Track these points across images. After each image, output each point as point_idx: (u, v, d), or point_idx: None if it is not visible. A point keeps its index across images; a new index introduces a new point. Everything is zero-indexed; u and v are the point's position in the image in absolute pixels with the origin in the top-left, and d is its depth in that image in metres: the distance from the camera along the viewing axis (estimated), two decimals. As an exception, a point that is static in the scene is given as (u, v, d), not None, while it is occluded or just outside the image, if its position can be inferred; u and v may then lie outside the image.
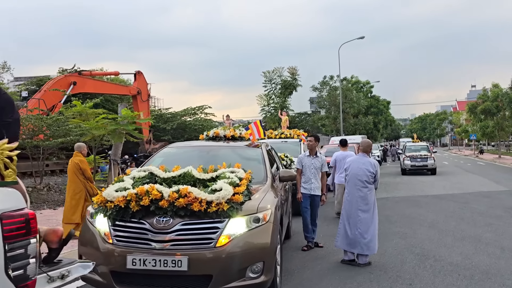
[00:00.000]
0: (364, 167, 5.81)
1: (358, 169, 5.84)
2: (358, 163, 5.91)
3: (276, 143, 11.92)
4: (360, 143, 6.15)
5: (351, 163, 6.01)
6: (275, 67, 19.80)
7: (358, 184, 5.80)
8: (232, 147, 5.93)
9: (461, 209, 10.76)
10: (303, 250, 6.73)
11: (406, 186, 17.23)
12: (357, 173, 5.83)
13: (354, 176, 5.85)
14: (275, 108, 19.94)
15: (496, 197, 13.21)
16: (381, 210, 10.79)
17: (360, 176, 5.80)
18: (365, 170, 5.79)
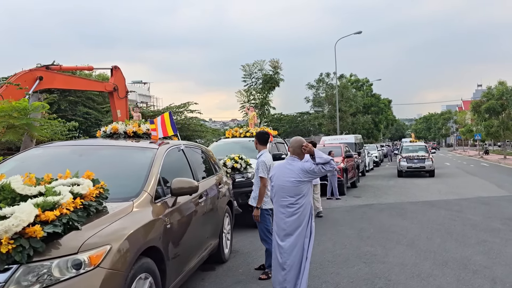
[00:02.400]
0: (291, 177, 4.24)
1: (283, 179, 4.28)
2: (284, 171, 4.32)
3: (242, 142, 10.40)
4: (290, 142, 4.54)
5: (275, 171, 4.44)
6: (256, 60, 18.29)
7: (286, 200, 4.24)
8: (117, 148, 4.38)
9: (452, 220, 9.15)
10: (262, 279, 5.20)
11: (398, 190, 15.61)
12: (282, 185, 4.27)
13: (280, 189, 4.30)
14: (256, 105, 18.43)
15: (495, 204, 11.58)
16: (357, 221, 9.29)
17: (287, 190, 4.24)
18: (294, 181, 4.21)
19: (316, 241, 7.31)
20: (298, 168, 4.21)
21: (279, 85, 18.42)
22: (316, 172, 4.18)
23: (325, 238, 7.60)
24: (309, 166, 4.18)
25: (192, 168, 4.85)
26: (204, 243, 4.77)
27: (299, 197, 4.19)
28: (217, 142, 10.69)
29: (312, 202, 4.36)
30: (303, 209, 4.20)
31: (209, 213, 5.00)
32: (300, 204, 4.19)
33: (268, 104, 18.56)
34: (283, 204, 4.23)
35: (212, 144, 10.84)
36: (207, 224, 4.87)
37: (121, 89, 22.81)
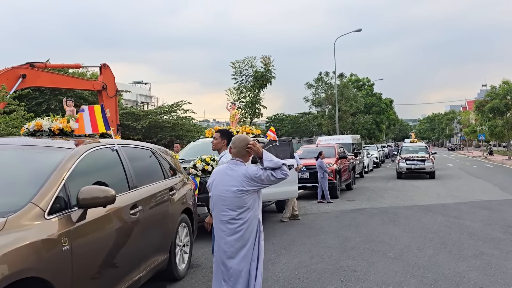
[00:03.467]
0: (233, 186, 3.41)
1: (223, 188, 3.47)
2: (224, 178, 3.50)
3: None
4: (232, 141, 3.69)
5: (214, 178, 3.63)
6: (246, 57, 17.48)
7: (226, 214, 3.45)
8: (16, 148, 3.58)
9: (448, 228, 8.32)
10: None
11: (395, 193, 14.77)
12: (222, 196, 3.47)
13: (219, 200, 3.50)
14: (246, 104, 17.61)
15: (497, 209, 10.74)
16: (344, 228, 8.47)
17: (228, 201, 3.44)
18: (236, 191, 3.39)
19: (293, 252, 6.54)
20: (241, 174, 3.41)
21: (271, 82, 17.61)
22: (264, 180, 3.39)
23: (303, 249, 6.80)
24: (254, 171, 3.39)
25: (128, 172, 4.06)
26: (140, 262, 3.99)
27: (243, 210, 3.40)
28: (195, 142, 9.92)
29: (260, 217, 3.55)
30: (248, 225, 3.40)
31: (151, 225, 4.23)
32: (244, 220, 3.39)
33: (259, 103, 17.76)
34: (223, 219, 3.44)
35: (189, 145, 10.07)
36: (146, 238, 4.09)
37: (110, 88, 22.08)
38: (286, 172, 3.44)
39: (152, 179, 4.63)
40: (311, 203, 12.63)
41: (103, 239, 3.32)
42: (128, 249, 3.72)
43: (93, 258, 3.17)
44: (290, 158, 9.18)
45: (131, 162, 4.22)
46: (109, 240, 3.40)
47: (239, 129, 9.96)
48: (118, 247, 3.55)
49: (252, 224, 3.41)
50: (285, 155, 9.16)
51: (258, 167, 3.42)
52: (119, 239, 3.56)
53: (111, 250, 3.43)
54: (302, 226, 8.78)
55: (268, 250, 6.73)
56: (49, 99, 24.98)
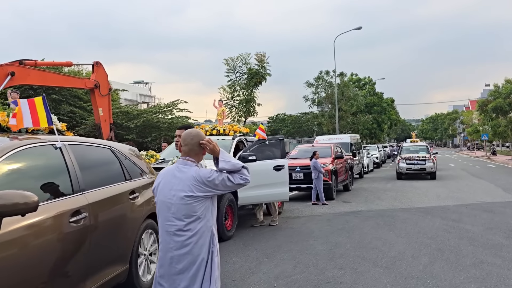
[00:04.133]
0: (180, 191, 2.86)
1: (169, 193, 2.91)
2: (171, 181, 2.93)
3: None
4: (182, 137, 3.09)
5: (159, 180, 3.05)
6: (240, 54, 16.95)
7: (172, 224, 2.91)
8: None
9: (447, 232, 7.78)
10: None
11: (394, 194, 14.22)
12: (168, 202, 2.93)
13: (164, 208, 2.95)
14: (240, 102, 17.07)
15: (499, 211, 10.18)
16: (335, 233, 7.90)
17: (174, 209, 2.89)
18: (184, 197, 2.84)
19: (275, 260, 6.02)
20: (190, 176, 2.85)
21: (266, 80, 17.08)
22: (218, 185, 2.84)
23: (288, 256, 6.27)
24: (207, 174, 2.85)
25: (73, 173, 3.54)
26: (87, 276, 3.47)
27: (191, 220, 2.85)
28: (178, 142, 9.40)
29: (214, 229, 3.00)
30: (198, 238, 2.86)
31: (102, 233, 3.71)
32: (193, 231, 2.85)
33: (254, 101, 17.22)
34: (169, 230, 2.90)
35: (173, 144, 9.54)
36: (95, 248, 3.58)
37: (103, 86, 21.50)
38: (246, 177, 2.91)
39: (108, 181, 4.11)
40: (305, 205, 12.11)
41: (26, 254, 2.80)
42: (66, 262, 3.20)
43: (12, 278, 2.65)
44: (281, 158, 8.68)
45: (79, 162, 3.70)
46: (35, 254, 2.88)
47: (226, 127, 9.44)
48: (50, 262, 3.03)
49: (204, 237, 2.87)
50: (276, 155, 8.66)
51: (212, 169, 2.90)
52: (52, 252, 3.04)
53: (39, 265, 2.90)
54: (291, 230, 8.26)
55: (250, 257, 6.22)
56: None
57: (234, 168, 2.86)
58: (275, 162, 8.52)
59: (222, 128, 9.32)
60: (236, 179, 2.87)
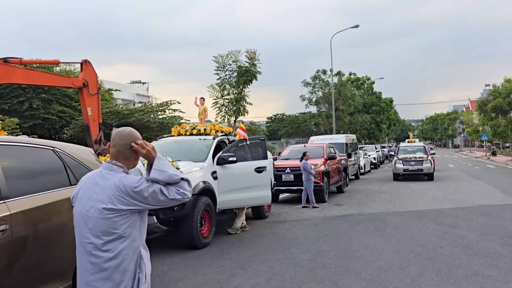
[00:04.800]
0: (100, 202, 2.33)
1: (88, 204, 2.38)
2: (91, 189, 2.40)
3: (185, 141, 8.58)
4: (112, 137, 2.55)
5: (79, 187, 2.49)
6: (229, 51, 16.39)
7: (88, 242, 2.35)
8: None
9: (440, 239, 7.26)
10: None
11: (388, 196, 13.69)
12: (85, 214, 2.38)
13: (81, 221, 2.39)
14: (230, 101, 16.53)
15: (497, 215, 9.66)
16: (321, 240, 7.31)
17: (92, 223, 2.34)
18: (103, 209, 2.30)
19: (250, 271, 5.49)
20: (112, 185, 2.32)
21: (256, 78, 16.52)
22: (148, 198, 2.29)
23: (264, 267, 5.75)
24: (133, 183, 2.29)
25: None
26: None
27: (111, 238, 2.30)
28: (157, 142, 8.88)
29: (141, 251, 2.46)
30: (120, 261, 2.30)
31: (33, 247, 3.19)
32: (114, 252, 2.29)
33: (244, 100, 16.69)
34: (86, 248, 2.37)
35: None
36: (21, 265, 3.06)
37: (92, 85, 20.97)
38: (185, 192, 2.36)
39: (45, 187, 3.59)
40: (294, 208, 11.59)
41: None
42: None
43: None
44: (262, 159, 8.17)
45: (4, 165, 3.18)
46: None
47: (207, 126, 8.92)
48: None
49: (127, 261, 2.32)
50: (257, 155, 8.15)
51: (142, 177, 2.36)
52: None
53: None
54: (273, 237, 7.73)
55: (223, 268, 5.70)
56: (32, 97, 24.04)
57: (171, 179, 2.33)
58: (256, 164, 8.01)
59: (203, 127, 8.80)
60: (172, 193, 2.33)
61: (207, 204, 6.96)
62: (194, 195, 6.65)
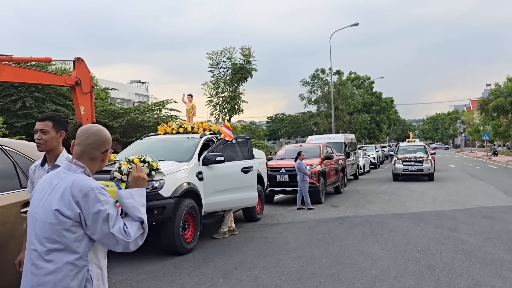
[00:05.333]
0: (51, 204, 1.96)
1: (38, 205, 2.02)
2: (46, 189, 2.04)
3: (170, 140, 8.13)
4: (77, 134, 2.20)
5: (37, 186, 2.15)
6: (224, 47, 15.90)
7: (33, 249, 1.97)
8: None
9: (440, 244, 6.81)
10: None
11: (387, 197, 13.25)
12: (34, 216, 2.03)
13: (30, 223, 2.05)
14: (225, 99, 16.05)
15: (500, 217, 9.21)
16: (313, 244, 6.83)
17: (39, 225, 1.98)
18: (53, 213, 1.93)
19: (233, 281, 5.05)
20: (65, 185, 1.98)
21: (251, 76, 16.05)
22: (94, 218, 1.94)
23: (249, 276, 5.30)
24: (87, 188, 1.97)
25: None
26: None
27: (55, 248, 1.93)
28: (142, 140, 8.44)
29: (96, 272, 2.01)
30: (61, 278, 1.90)
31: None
32: (56, 265, 1.91)
33: (239, 98, 16.22)
34: (31, 257, 1.98)
35: (134, 143, 8.57)
36: None
37: (85, 84, 20.51)
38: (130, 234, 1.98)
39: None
40: (289, 210, 11.15)
41: None
42: None
43: None
44: (249, 159, 7.74)
45: None
46: None
47: (194, 124, 8.49)
48: None
49: (68, 279, 1.89)
50: (243, 155, 7.73)
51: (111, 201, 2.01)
52: None
53: None
54: (263, 241, 7.28)
55: (204, 277, 5.26)
56: (25, 96, 23.60)
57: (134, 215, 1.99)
58: (243, 164, 7.59)
59: (191, 125, 8.36)
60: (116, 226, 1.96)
61: (191, 207, 6.52)
62: (176, 197, 6.21)
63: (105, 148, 2.15)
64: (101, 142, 2.13)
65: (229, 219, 7.70)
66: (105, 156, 2.17)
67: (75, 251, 1.93)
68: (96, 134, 2.13)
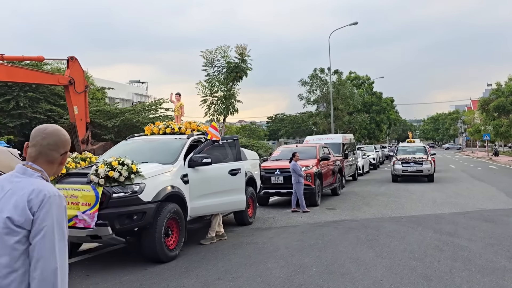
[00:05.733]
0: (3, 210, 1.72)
1: None
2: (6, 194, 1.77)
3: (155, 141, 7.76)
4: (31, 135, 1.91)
5: None
6: (218, 46, 15.50)
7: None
8: None
9: (439, 250, 6.45)
10: None
11: (385, 199, 12.89)
12: None
13: None
14: (219, 99, 15.65)
15: (502, 221, 8.85)
16: (304, 251, 6.44)
17: None
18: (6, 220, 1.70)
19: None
20: (17, 191, 1.78)
21: (247, 75, 15.65)
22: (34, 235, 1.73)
23: (232, 287, 4.93)
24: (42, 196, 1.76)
25: None
26: None
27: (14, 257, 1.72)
28: (126, 141, 8.07)
29: None
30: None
31: None
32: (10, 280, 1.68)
33: (234, 97, 15.82)
34: None
35: (118, 144, 8.19)
36: None
37: (79, 83, 20.19)
38: None
39: None
40: (283, 213, 10.79)
41: None
42: None
43: None
44: (237, 161, 7.39)
45: None
46: None
47: (182, 124, 8.13)
48: None
49: None
50: (231, 157, 7.38)
51: None
52: None
53: None
54: (252, 248, 6.92)
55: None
56: (18, 95, 23.25)
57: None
58: (230, 166, 7.24)
59: (178, 125, 8.00)
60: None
61: (175, 211, 6.16)
62: (158, 202, 5.85)
63: (64, 150, 1.92)
64: (60, 142, 1.90)
65: (216, 224, 7.34)
66: (64, 158, 1.94)
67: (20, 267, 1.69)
68: (55, 134, 1.91)
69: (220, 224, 7.51)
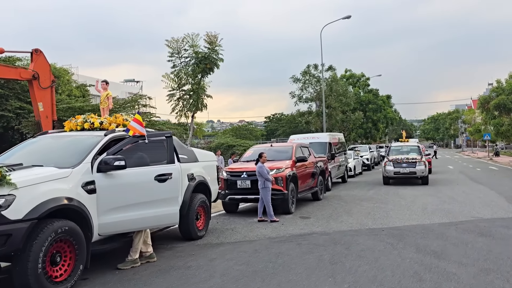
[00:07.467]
0: None
1: None
2: None
3: (66, 138, 6.27)
4: None
5: None
6: (186, 34, 13.89)
7: None
8: None
9: (417, 281, 4.93)
10: None
11: (371, 205, 11.40)
12: None
13: None
14: (186, 93, 14.06)
15: (501, 235, 7.34)
16: (242, 281, 4.83)
17: None
18: None
19: None
20: None
21: (218, 66, 14.08)
22: None
23: None
24: None
25: None
26: None
27: None
28: (33, 139, 6.57)
29: None
30: None
31: None
32: None
33: (203, 92, 14.24)
34: None
35: (21, 144, 6.63)
36: None
37: (44, 78, 18.46)
38: None
39: None
40: (248, 223, 9.31)
41: None
42: None
43: None
44: (168, 164, 5.88)
45: None
46: None
47: (105, 119, 6.62)
48: None
49: None
50: (160, 158, 5.86)
51: None
52: None
53: None
54: (180, 274, 5.40)
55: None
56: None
57: None
58: (157, 170, 5.73)
59: (100, 120, 6.50)
60: None
61: (66, 231, 4.65)
62: (34, 220, 4.34)
63: None
64: None
65: (139, 243, 5.82)
66: None
67: None
68: None
69: (148, 243, 6.01)
